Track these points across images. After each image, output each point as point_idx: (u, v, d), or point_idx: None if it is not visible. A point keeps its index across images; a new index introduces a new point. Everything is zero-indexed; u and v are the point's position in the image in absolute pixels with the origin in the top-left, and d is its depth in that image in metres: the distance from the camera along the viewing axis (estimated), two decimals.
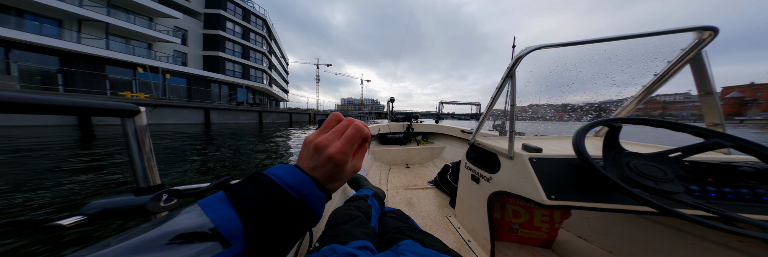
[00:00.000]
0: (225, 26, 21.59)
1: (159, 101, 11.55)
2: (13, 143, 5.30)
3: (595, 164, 0.58)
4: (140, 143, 0.43)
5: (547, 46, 0.84)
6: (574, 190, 0.70)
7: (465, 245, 1.15)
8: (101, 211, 0.36)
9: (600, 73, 1.00)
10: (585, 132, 0.66)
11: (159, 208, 0.39)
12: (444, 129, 3.49)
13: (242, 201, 0.20)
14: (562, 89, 1.15)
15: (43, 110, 0.26)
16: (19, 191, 2.56)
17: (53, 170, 3.37)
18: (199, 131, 9.56)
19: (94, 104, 0.32)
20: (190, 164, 4.04)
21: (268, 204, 0.20)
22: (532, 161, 0.80)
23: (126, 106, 0.38)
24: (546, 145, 0.98)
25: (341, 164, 0.25)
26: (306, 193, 0.23)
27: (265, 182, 0.22)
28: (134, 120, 0.41)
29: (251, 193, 0.21)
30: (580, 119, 1.53)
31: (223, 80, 21.47)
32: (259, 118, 17.73)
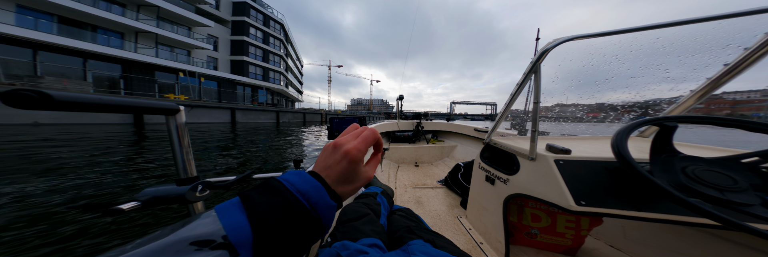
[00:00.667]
0: (248, 32, 23.47)
1: (195, 102, 13.30)
2: (89, 137, 6.53)
3: (641, 168, 0.51)
4: (180, 139, 0.48)
5: (582, 37, 0.74)
6: (610, 196, 0.64)
7: (477, 247, 1.10)
8: (151, 198, 0.42)
9: (649, 65, 0.85)
10: (629, 132, 0.58)
11: (195, 198, 0.45)
12: (456, 128, 3.40)
13: (256, 207, 0.21)
14: (598, 84, 1.02)
15: (111, 109, 0.32)
16: (92, 177, 3.06)
17: (118, 162, 3.97)
18: (228, 129, 10.86)
19: (146, 104, 0.38)
20: (230, 158, 4.71)
21: (279, 211, 0.21)
22: (558, 163, 0.74)
23: (169, 105, 0.43)
24: (575, 146, 0.90)
25: (356, 160, 0.26)
26: (316, 201, 0.23)
27: (278, 188, 0.23)
28: (175, 118, 0.46)
29: (264, 199, 0.21)
30: (619, 119, 1.34)
31: (246, 83, 23.38)
32: (277, 117, 19.25)
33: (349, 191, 0.27)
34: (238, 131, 10.38)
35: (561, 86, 1.08)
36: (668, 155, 0.57)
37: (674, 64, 0.83)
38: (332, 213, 0.24)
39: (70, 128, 8.44)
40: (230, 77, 21.00)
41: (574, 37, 0.74)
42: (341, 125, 1.43)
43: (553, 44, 0.76)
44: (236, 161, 4.46)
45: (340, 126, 1.42)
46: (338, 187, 0.26)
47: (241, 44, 22.86)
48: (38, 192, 2.53)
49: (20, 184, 2.76)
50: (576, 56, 0.92)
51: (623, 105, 1.18)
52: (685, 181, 0.51)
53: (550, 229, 1.00)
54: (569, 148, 0.78)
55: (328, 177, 0.26)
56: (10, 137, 6.04)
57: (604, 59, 0.91)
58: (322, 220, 0.23)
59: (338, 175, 0.26)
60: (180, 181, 0.47)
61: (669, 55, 0.80)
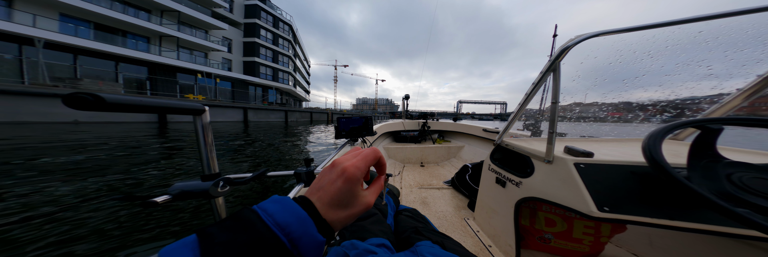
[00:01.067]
0: (259, 34, 24.34)
1: (211, 102, 14.13)
2: (124, 136, 7.06)
3: (678, 174, 0.47)
4: (205, 137, 0.49)
5: (611, 32, 0.68)
6: (639, 203, 0.61)
7: (485, 249, 1.07)
8: (180, 192, 0.45)
9: (688, 61, 0.79)
10: (664, 135, 0.54)
11: (217, 193, 0.48)
12: (463, 128, 3.36)
13: (214, 248, 0.16)
14: (626, 82, 0.95)
15: (148, 109, 0.35)
16: (129, 172, 3.28)
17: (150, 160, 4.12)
18: (241, 128, 11.41)
19: (176, 105, 0.40)
20: (253, 156, 4.97)
21: (246, 252, 0.16)
22: (578, 166, 0.71)
23: (196, 106, 0.45)
24: (597, 149, 0.85)
25: (353, 179, 0.24)
26: (299, 236, 0.19)
27: (251, 221, 0.19)
28: (201, 118, 0.48)
29: (228, 237, 0.17)
30: (648, 120, 1.27)
31: (257, 83, 24.31)
32: (285, 117, 19.91)
33: (343, 218, 0.23)
34: (251, 129, 11.01)
35: (582, 84, 0.99)
36: (710, 161, 0.53)
37: (718, 60, 0.74)
38: (319, 252, 0.20)
39: (105, 126, 9.30)
40: (243, 77, 21.95)
41: (601, 32, 0.69)
42: (348, 124, 1.50)
43: (577, 41, 0.72)
44: (254, 159, 4.70)
45: (346, 126, 1.49)
46: (330, 212, 0.23)
47: (253, 46, 23.78)
48: (92, 186, 2.74)
49: (77, 181, 2.87)
50: (602, 53, 0.86)
51: (654, 105, 1.10)
52: (730, 189, 0.48)
53: (566, 234, 0.95)
54: (591, 151, 0.75)
55: (319, 200, 0.23)
56: (68, 134, 6.80)
57: (635, 56, 0.85)
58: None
59: (332, 197, 0.23)
60: (205, 177, 0.50)
61: (713, 51, 0.73)
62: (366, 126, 1.58)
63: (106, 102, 0.28)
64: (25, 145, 4.96)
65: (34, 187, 2.63)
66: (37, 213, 2.04)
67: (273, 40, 26.70)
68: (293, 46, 31.75)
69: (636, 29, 0.66)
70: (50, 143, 5.35)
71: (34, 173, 3.14)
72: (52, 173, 3.17)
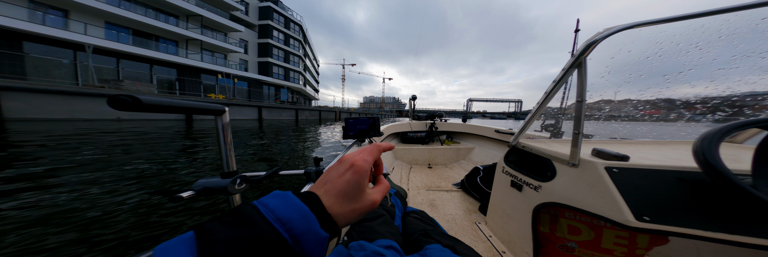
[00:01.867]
0: (272, 35, 25.54)
1: (230, 101, 15.13)
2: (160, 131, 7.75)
3: (742, 182, 0.42)
4: (225, 136, 0.51)
5: (648, 24, 0.63)
6: (687, 213, 0.55)
7: (498, 255, 1.04)
8: (203, 189, 0.48)
9: (749, 52, 0.70)
10: (722, 136, 0.47)
11: (235, 190, 0.50)
12: (474, 129, 3.27)
13: (212, 245, 0.16)
14: (667, 78, 0.87)
15: (177, 110, 0.38)
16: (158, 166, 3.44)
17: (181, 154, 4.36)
18: (256, 126, 11.96)
19: (201, 106, 0.42)
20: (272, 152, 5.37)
21: (245, 250, 0.16)
22: (610, 171, 0.66)
23: (217, 107, 0.47)
24: (632, 152, 0.79)
25: (361, 172, 0.24)
26: (301, 232, 0.18)
27: (251, 217, 0.18)
28: (222, 118, 0.50)
29: (227, 233, 0.17)
30: (696, 120, 1.09)
31: (271, 82, 25.58)
32: (296, 115, 20.32)
33: (348, 212, 0.23)
34: (265, 128, 11.44)
35: (612, 80, 0.92)
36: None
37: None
38: (322, 248, 0.19)
39: (142, 122, 10.53)
40: (258, 77, 23.23)
41: (637, 24, 0.62)
42: (356, 125, 1.56)
43: (605, 34, 0.66)
44: (274, 155, 4.93)
45: (354, 126, 1.56)
46: (336, 205, 0.23)
47: (267, 46, 25.01)
48: (131, 175, 2.96)
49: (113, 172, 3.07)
50: (638, 46, 0.79)
51: (704, 102, 0.97)
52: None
53: (594, 244, 0.83)
54: (626, 154, 0.69)
55: (326, 193, 0.23)
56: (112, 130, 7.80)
57: (679, 48, 0.76)
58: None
59: (340, 189, 0.23)
60: (224, 174, 0.52)
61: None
62: (373, 127, 1.59)
63: (143, 103, 0.30)
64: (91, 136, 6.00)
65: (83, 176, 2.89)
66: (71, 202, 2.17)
67: (284, 40, 27.85)
68: (303, 46, 32.84)
69: (680, 19, 0.61)
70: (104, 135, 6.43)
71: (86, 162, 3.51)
72: (103, 165, 3.47)
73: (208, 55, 18.62)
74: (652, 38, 0.76)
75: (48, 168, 3.16)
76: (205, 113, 0.45)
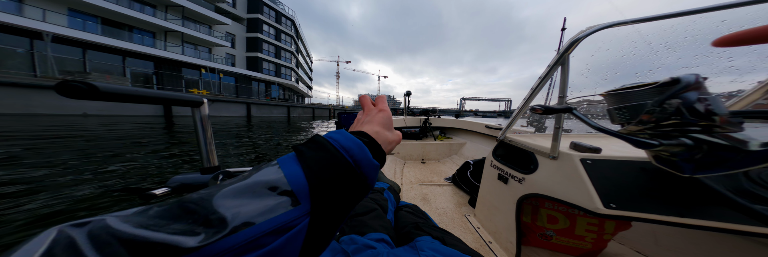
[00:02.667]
0: (262, 29, 24.47)
1: (215, 97, 14.30)
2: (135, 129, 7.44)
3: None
4: (204, 129, 0.49)
5: (626, 23, 0.66)
6: (647, 200, 0.59)
7: (485, 246, 1.08)
8: (179, 185, 0.45)
9: (708, 53, 0.75)
10: None
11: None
12: (465, 124, 3.35)
13: (307, 160, 0.21)
14: (639, 76, 0.90)
15: (145, 100, 0.35)
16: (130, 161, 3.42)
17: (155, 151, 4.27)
18: (244, 123, 11.58)
19: (174, 96, 0.40)
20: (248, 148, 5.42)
21: (327, 165, 0.21)
22: (585, 162, 0.70)
23: (194, 98, 0.45)
24: (606, 145, 0.83)
25: (387, 113, 0.33)
26: (360, 158, 0.23)
27: (324, 144, 0.23)
28: (200, 110, 0.48)
29: (313, 154, 0.22)
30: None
31: (261, 78, 24.53)
32: (288, 112, 19.84)
33: (390, 139, 0.30)
34: (254, 124, 11.26)
35: (591, 79, 0.97)
36: None
37: (741, 51, 0.69)
38: (375, 173, 0.24)
39: (114, 119, 9.60)
40: (246, 73, 22.17)
41: (614, 23, 0.67)
42: (349, 120, 2.04)
43: (588, 32, 0.70)
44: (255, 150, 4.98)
45: (347, 121, 2.04)
46: (382, 133, 0.29)
47: (256, 41, 23.92)
48: (88, 176, 2.78)
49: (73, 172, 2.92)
50: (615, 45, 0.84)
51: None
52: (748, 186, 0.47)
53: (568, 231, 0.94)
54: (599, 146, 0.73)
55: (371, 128, 0.29)
56: (69, 125, 7.12)
57: (651, 48, 0.82)
58: (367, 179, 0.23)
59: (380, 121, 0.31)
60: (204, 170, 0.49)
61: None
62: None
63: (100, 91, 0.27)
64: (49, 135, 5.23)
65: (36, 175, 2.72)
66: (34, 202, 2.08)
67: (276, 35, 26.79)
68: (296, 41, 31.81)
69: (653, 19, 0.64)
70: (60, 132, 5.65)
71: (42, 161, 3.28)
72: (56, 163, 3.28)
73: (191, 49, 17.52)
74: (628, 37, 0.80)
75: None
76: (179, 104, 0.42)
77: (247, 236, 0.16)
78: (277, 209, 0.18)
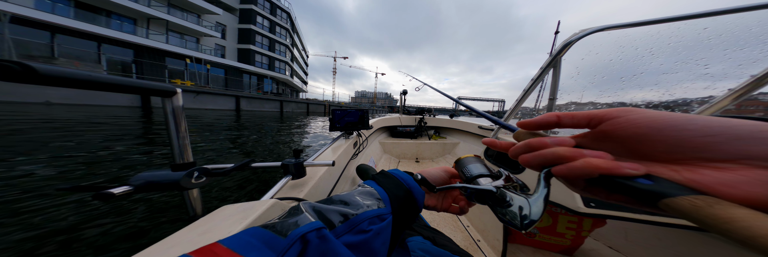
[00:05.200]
0: (256, 21, 23.60)
1: (202, 89, 13.49)
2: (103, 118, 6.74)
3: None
4: (177, 122, 0.46)
5: (615, 27, 0.68)
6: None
7: (474, 244, 1.12)
8: (144, 183, 0.42)
9: (687, 60, 0.75)
10: None
11: (190, 184, 0.45)
12: (459, 125, 3.40)
13: (383, 183, 0.34)
14: (623, 81, 0.93)
15: (103, 87, 0.32)
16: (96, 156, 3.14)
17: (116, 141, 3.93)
18: (232, 117, 10.87)
19: (141, 84, 0.37)
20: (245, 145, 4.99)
21: (395, 187, 0.34)
22: None
23: (165, 87, 0.42)
24: None
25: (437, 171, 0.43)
26: (412, 186, 0.35)
27: (390, 175, 0.37)
28: (172, 100, 0.45)
29: (386, 180, 0.35)
30: None
31: (253, 71, 23.68)
32: (281, 107, 19.23)
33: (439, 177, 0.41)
34: (244, 119, 10.54)
35: (580, 82, 0.97)
36: None
37: (717, 59, 0.72)
38: (422, 198, 0.35)
39: (81, 108, 8.84)
40: (236, 65, 21.30)
41: (605, 27, 0.69)
42: (343, 116, 1.51)
43: (580, 35, 0.71)
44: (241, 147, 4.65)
45: (342, 118, 1.50)
46: (427, 173, 0.41)
47: (249, 33, 23.03)
48: (48, 172, 2.54)
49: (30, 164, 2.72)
50: (604, 49, 0.84)
51: (647, 104, 1.04)
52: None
53: (550, 229, 1.02)
54: None
55: (424, 171, 0.41)
56: (24, 114, 6.43)
57: (637, 53, 0.82)
58: (417, 201, 0.34)
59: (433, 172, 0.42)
60: (175, 167, 0.47)
61: (713, 49, 0.70)
62: (362, 120, 1.57)
63: (39, 73, 0.24)
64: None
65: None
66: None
67: (270, 28, 25.94)
68: (291, 35, 30.93)
69: (641, 24, 0.67)
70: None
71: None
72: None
73: (176, 38, 16.66)
74: (617, 42, 0.81)
75: None
76: (148, 93, 0.39)
77: (368, 215, 0.27)
78: (378, 205, 0.30)
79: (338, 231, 0.24)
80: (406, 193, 0.34)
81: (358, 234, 0.25)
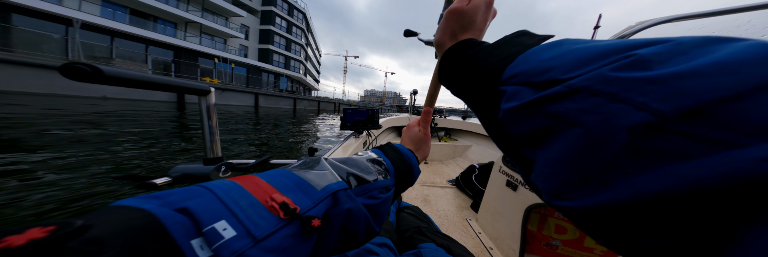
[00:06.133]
0: (274, 22, 25.08)
1: (226, 86, 14.90)
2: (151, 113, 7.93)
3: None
4: (210, 119, 0.49)
5: (689, 17, 0.57)
6: None
7: (486, 252, 1.08)
8: (181, 175, 0.45)
9: None
10: None
11: (218, 178, 0.47)
12: (472, 126, 3.30)
13: (390, 155, 0.36)
14: None
15: (151, 86, 0.35)
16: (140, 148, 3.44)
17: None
18: (252, 112, 11.99)
19: (181, 84, 0.40)
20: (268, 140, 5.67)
21: (400, 161, 0.35)
22: None
23: (201, 86, 0.45)
24: None
25: (411, 130, 0.47)
26: (412, 161, 0.37)
27: (396, 148, 0.38)
28: (207, 98, 0.47)
29: (392, 153, 0.36)
30: None
31: (271, 70, 25.31)
32: (294, 104, 20.05)
33: (420, 154, 0.44)
34: (262, 115, 11.41)
35: None
36: None
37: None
38: (417, 174, 0.38)
39: (129, 102, 10.14)
40: (257, 64, 22.94)
41: (675, 17, 0.56)
42: (354, 116, 1.56)
43: (638, 28, 0.59)
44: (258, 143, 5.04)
45: (352, 117, 1.55)
46: (416, 150, 0.44)
47: (268, 33, 24.58)
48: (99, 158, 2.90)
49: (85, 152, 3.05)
50: None
51: None
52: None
53: (576, 243, 0.89)
54: None
55: (412, 147, 0.44)
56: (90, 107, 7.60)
57: None
58: (414, 176, 0.37)
59: (411, 140, 0.46)
60: (207, 160, 0.49)
61: None
62: (371, 119, 1.58)
63: (105, 75, 0.28)
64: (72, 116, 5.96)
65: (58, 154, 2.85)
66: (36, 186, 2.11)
67: (287, 28, 27.36)
68: (306, 34, 32.30)
69: (727, 12, 0.54)
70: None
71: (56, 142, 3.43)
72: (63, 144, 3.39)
73: (208, 39, 18.30)
74: (687, 35, 0.72)
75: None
76: (186, 92, 0.42)
77: (380, 184, 0.29)
78: (383, 176, 0.31)
79: (354, 192, 0.25)
80: (407, 169, 0.35)
81: (368, 199, 0.26)
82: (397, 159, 0.35)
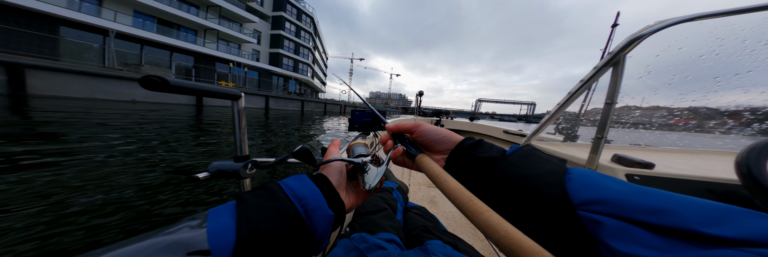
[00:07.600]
0: (284, 26, 26.16)
1: (240, 89, 15.52)
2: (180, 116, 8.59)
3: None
4: (240, 121, 0.53)
5: (713, 15, 0.53)
6: None
7: (495, 254, 1.03)
8: (217, 171, 0.49)
9: None
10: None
11: (246, 174, 0.51)
12: (481, 128, 3.22)
13: (248, 211, 0.21)
14: (719, 81, 0.76)
15: (198, 92, 0.39)
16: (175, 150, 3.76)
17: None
18: (263, 114, 12.61)
19: (219, 90, 0.44)
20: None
21: (271, 216, 0.21)
22: (631, 178, 0.62)
23: (234, 91, 0.48)
24: (657, 160, 0.72)
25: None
26: (313, 207, 0.23)
27: (276, 192, 0.23)
28: (238, 103, 0.51)
29: (259, 203, 0.22)
30: (736, 131, 0.96)
31: (280, 73, 26.40)
32: (302, 106, 21.04)
33: (353, 199, 0.31)
34: (271, 117, 11.85)
35: (648, 83, 0.79)
36: None
37: None
38: (328, 224, 0.24)
39: (155, 105, 10.95)
40: (268, 67, 24.06)
41: (699, 15, 0.52)
42: (361, 117, 1.61)
43: (658, 27, 0.57)
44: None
45: (360, 118, 1.61)
46: (343, 188, 0.30)
47: (278, 38, 25.71)
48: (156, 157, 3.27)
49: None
50: (692, 43, 0.67)
51: (754, 111, 0.81)
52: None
53: None
54: (651, 162, 0.64)
55: (326, 189, 0.27)
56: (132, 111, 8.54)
57: (744, 46, 0.64)
58: (316, 232, 0.23)
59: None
60: (237, 158, 0.53)
61: None
62: (377, 121, 1.55)
63: (170, 85, 0.32)
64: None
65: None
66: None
67: (296, 32, 28.44)
68: (313, 38, 33.38)
69: (752, 10, 0.51)
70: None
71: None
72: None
73: (224, 45, 19.44)
74: (713, 33, 0.64)
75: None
76: (223, 97, 0.47)
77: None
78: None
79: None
80: (291, 225, 0.22)
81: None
82: (261, 213, 0.21)
